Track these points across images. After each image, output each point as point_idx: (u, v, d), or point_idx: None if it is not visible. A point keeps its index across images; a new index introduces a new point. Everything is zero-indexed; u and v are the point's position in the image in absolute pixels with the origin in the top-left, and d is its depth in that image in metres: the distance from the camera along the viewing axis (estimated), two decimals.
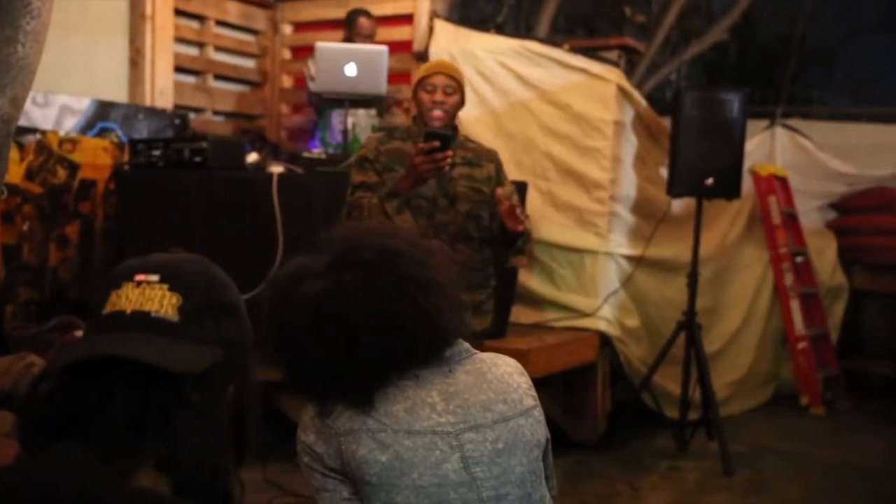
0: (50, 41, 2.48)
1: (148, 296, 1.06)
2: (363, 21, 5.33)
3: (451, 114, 3.19)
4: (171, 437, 1.01)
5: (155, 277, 1.07)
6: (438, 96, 3.15)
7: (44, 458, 0.97)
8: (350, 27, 5.35)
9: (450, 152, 2.94)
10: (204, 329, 1.07)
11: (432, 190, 3.11)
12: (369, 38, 5.32)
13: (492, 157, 3.30)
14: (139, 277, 1.07)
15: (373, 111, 5.40)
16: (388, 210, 3.02)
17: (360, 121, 5.32)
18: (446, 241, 2.91)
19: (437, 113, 3.15)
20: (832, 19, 12.94)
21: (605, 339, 4.83)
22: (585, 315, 4.87)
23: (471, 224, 3.15)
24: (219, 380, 1.08)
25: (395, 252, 1.45)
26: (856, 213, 6.64)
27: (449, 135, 3.01)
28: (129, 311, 1.05)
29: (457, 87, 3.19)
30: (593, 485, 4.23)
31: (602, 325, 4.84)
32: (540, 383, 4.20)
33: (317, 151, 4.77)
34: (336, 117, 5.20)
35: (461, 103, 3.23)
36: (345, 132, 4.73)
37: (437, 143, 2.91)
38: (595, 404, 4.78)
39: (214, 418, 1.06)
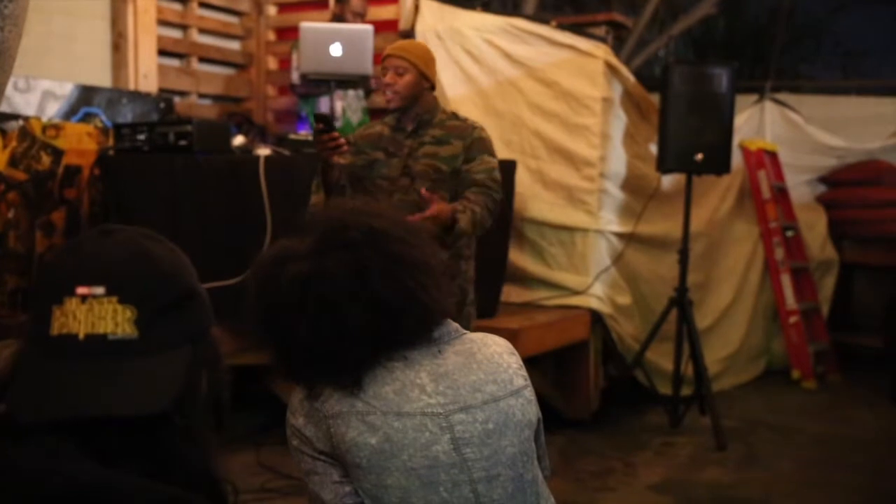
0: (30, 25, 2.45)
1: (98, 314, 0.96)
2: None
3: (403, 94, 3.13)
4: (162, 465, 0.96)
5: (100, 290, 0.96)
6: (388, 78, 3.15)
7: (31, 448, 0.95)
8: (341, 2, 5.29)
9: (335, 133, 2.92)
10: (167, 333, 0.99)
11: (396, 170, 3.13)
12: (360, 16, 5.25)
13: (465, 133, 3.17)
14: (81, 290, 0.96)
15: (361, 92, 5.35)
16: (311, 188, 3.15)
17: (351, 103, 5.28)
18: None
19: (388, 95, 3.16)
20: None
21: (596, 317, 4.82)
22: (577, 293, 4.86)
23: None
24: (194, 382, 1.01)
25: (379, 232, 1.43)
26: (845, 186, 6.64)
27: (329, 116, 3.03)
28: (81, 335, 0.95)
29: (408, 66, 3.13)
30: (587, 462, 4.24)
31: (593, 303, 4.83)
32: (532, 362, 4.16)
33: (304, 133, 4.73)
34: (325, 101, 5.16)
35: (418, 81, 3.15)
36: (332, 113, 4.69)
37: (320, 126, 2.92)
38: (588, 382, 4.78)
39: (199, 429, 1.01)
